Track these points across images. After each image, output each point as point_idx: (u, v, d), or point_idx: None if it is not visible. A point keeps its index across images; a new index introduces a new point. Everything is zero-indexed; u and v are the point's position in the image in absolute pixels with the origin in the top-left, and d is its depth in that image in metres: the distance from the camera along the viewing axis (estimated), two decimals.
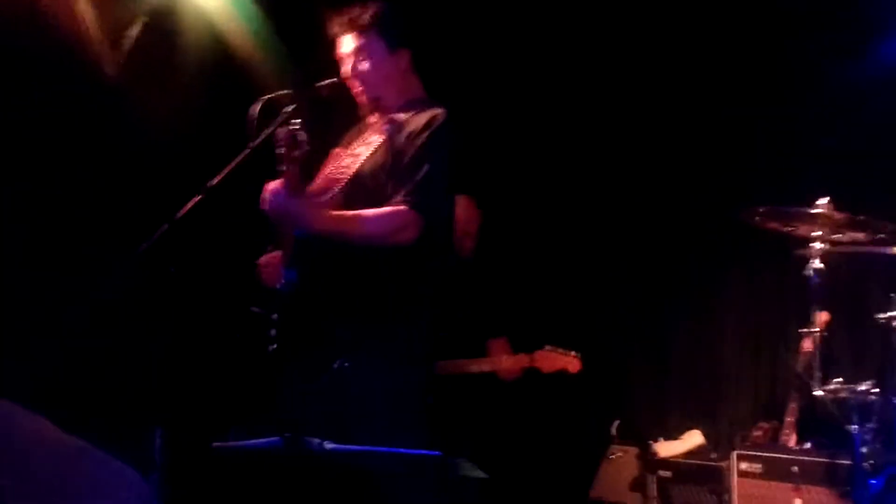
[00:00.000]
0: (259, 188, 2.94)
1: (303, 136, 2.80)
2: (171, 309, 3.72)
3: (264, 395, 2.68)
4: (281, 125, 2.83)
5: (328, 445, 2.17)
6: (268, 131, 2.85)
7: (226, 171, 2.84)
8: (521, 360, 4.63)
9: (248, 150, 2.86)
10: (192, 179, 2.88)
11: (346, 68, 3.02)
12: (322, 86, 3.02)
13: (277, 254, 2.95)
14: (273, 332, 2.72)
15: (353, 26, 3.00)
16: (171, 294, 3.23)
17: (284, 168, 2.82)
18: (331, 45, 3.08)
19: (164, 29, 4.33)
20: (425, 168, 2.84)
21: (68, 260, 3.86)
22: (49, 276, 3.81)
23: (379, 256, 2.82)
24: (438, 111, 2.94)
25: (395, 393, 2.69)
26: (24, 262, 3.79)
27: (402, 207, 2.81)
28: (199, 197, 2.80)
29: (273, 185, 2.86)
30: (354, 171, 2.97)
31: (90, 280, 3.73)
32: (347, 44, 3.02)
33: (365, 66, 2.99)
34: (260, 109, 2.88)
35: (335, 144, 3.18)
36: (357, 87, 3.03)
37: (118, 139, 4.15)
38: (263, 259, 3.01)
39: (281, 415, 2.46)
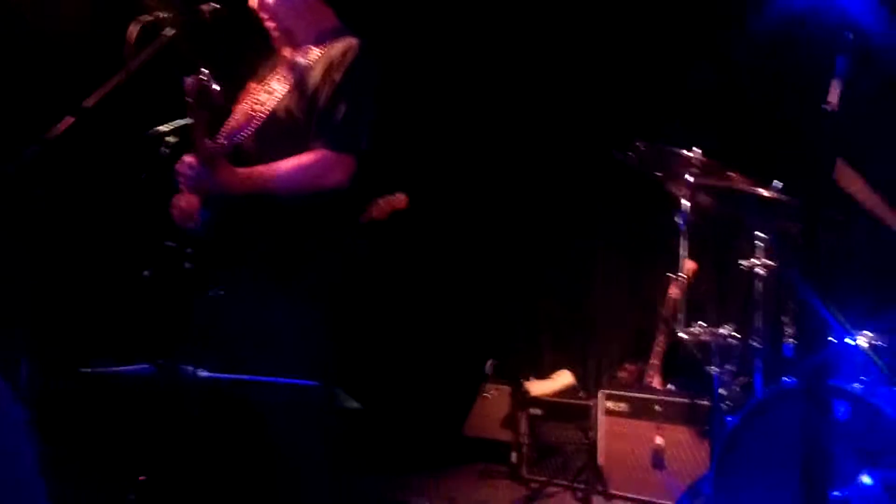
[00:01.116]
0: (136, 112, 2.86)
1: (215, 88, 2.72)
2: (37, 233, 3.61)
3: (141, 325, 2.63)
4: (159, 49, 2.74)
5: (202, 373, 2.15)
6: (145, 54, 2.76)
7: (101, 92, 2.74)
8: None
9: (124, 73, 2.76)
10: (67, 99, 2.77)
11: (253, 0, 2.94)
12: (203, 9, 2.92)
13: (192, 196, 2.89)
14: (188, 265, 2.68)
15: None
16: (37, 218, 3.14)
17: (192, 128, 2.73)
18: None
19: None
20: (344, 106, 2.77)
21: None
22: None
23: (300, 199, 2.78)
24: (353, 42, 2.86)
25: (273, 320, 2.67)
26: None
27: (324, 151, 2.75)
28: (73, 118, 2.70)
29: (187, 159, 2.77)
30: (271, 108, 2.89)
31: None
32: None
33: None
34: (139, 30, 2.78)
35: (249, 76, 3.09)
36: (265, 20, 2.95)
37: None
38: (182, 200, 2.94)
39: (156, 342, 2.42)
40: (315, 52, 2.89)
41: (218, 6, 2.91)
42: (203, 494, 2.81)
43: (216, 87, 2.73)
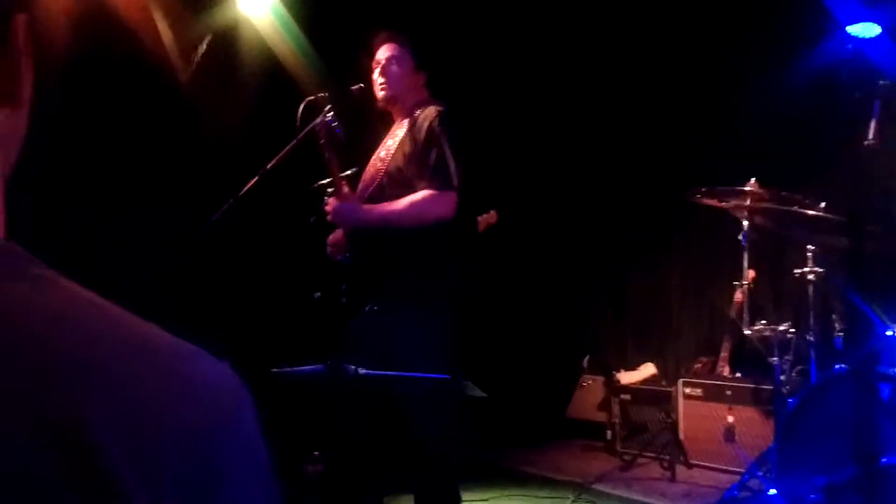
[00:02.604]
0: (304, 171, 2.97)
1: (339, 127, 2.81)
2: (235, 268, 3.76)
3: (315, 335, 2.72)
4: (320, 119, 2.85)
5: (361, 371, 2.21)
6: (312, 125, 2.86)
7: (277, 158, 2.85)
8: None
9: (295, 142, 2.87)
10: (250, 165, 2.89)
11: (378, 70, 2.99)
12: (353, 89, 3.01)
13: (340, 233, 3.00)
14: (343, 299, 2.79)
15: (394, 40, 3.00)
16: (235, 256, 3.28)
17: (328, 164, 2.84)
18: (369, 55, 3.06)
19: (226, 44, 4.34)
20: (436, 152, 2.80)
21: (153, 227, 3.89)
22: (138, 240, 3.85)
23: (416, 230, 2.82)
24: (437, 107, 2.90)
25: (415, 329, 2.71)
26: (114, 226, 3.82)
27: (427, 191, 2.78)
28: (257, 179, 2.82)
29: (331, 201, 2.88)
30: (386, 167, 2.97)
31: (166, 245, 3.75)
32: (384, 52, 3.00)
33: (395, 70, 2.97)
34: (304, 108, 2.89)
35: (376, 143, 3.17)
36: (381, 85, 2.99)
37: (189, 132, 4.17)
38: (331, 238, 3.04)
39: (327, 349, 2.50)
40: (412, 118, 2.94)
41: (363, 86, 3.01)
42: (361, 466, 2.87)
43: (339, 127, 2.80)
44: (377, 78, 2.99)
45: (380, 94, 3.00)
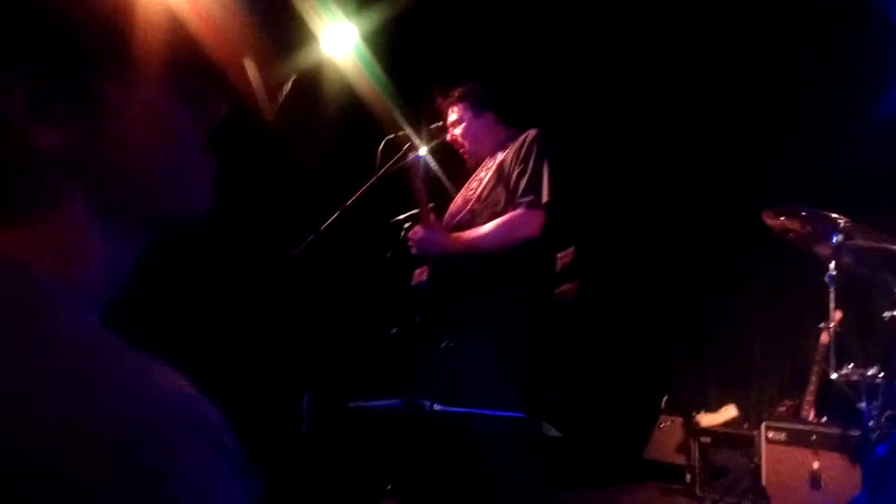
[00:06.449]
0: (384, 206, 3.05)
1: (426, 163, 2.90)
2: (317, 299, 3.85)
3: (391, 368, 2.77)
4: (403, 158, 2.94)
5: (437, 407, 2.24)
6: (390, 163, 2.96)
7: (358, 194, 2.95)
8: None
9: (374, 178, 2.96)
10: (332, 201, 2.99)
11: (452, 134, 3.14)
12: (432, 128, 3.12)
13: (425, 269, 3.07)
14: (417, 319, 2.84)
15: (448, 102, 3.14)
16: (316, 290, 3.36)
17: (417, 202, 2.90)
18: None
19: (310, 85, 4.49)
20: (527, 174, 2.84)
21: (235, 262, 4.02)
22: (219, 276, 3.98)
23: (498, 255, 2.84)
24: (531, 132, 2.97)
25: (490, 366, 2.74)
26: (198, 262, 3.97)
27: (516, 211, 2.83)
28: (337, 215, 2.91)
29: (416, 229, 2.93)
30: (479, 192, 3.03)
31: (254, 278, 3.88)
32: (450, 115, 3.15)
33: (459, 130, 3.11)
34: (384, 146, 2.99)
35: (456, 180, 3.26)
36: (459, 148, 3.15)
37: (276, 169, 4.32)
38: (417, 271, 3.12)
39: (402, 383, 2.54)
40: (504, 149, 3.00)
41: (441, 124, 3.12)
42: (434, 501, 2.89)
43: (426, 163, 2.89)
44: (455, 143, 3.15)
45: (464, 155, 3.17)
